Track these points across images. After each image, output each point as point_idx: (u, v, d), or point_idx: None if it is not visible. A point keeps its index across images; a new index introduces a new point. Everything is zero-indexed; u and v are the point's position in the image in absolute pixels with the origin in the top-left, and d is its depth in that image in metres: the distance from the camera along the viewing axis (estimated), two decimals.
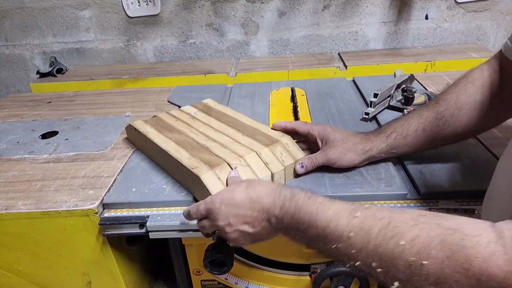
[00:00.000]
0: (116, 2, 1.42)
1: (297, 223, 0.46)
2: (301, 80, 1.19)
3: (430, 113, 0.63)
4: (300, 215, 0.45)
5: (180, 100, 1.07)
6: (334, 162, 0.66)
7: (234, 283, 0.78)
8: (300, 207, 0.46)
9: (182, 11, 1.43)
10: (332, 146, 0.66)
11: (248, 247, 0.76)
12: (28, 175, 0.76)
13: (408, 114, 0.67)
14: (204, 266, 0.62)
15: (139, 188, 0.70)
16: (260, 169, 0.65)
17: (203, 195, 0.63)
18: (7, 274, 0.73)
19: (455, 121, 0.60)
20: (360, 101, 1.00)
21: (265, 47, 1.50)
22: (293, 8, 1.42)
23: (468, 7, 1.41)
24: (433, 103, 0.63)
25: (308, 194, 0.47)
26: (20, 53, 1.55)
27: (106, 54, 1.53)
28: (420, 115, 0.63)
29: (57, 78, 1.40)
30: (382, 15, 1.43)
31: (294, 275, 0.78)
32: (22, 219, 0.66)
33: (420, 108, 0.65)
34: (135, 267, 0.83)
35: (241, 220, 0.50)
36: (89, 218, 0.66)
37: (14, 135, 0.93)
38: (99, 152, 0.83)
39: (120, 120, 0.97)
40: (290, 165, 0.68)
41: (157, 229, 0.63)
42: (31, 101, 1.15)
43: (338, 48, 1.50)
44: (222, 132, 0.76)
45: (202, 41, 1.49)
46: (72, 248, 0.70)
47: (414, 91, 0.92)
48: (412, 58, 1.31)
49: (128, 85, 1.31)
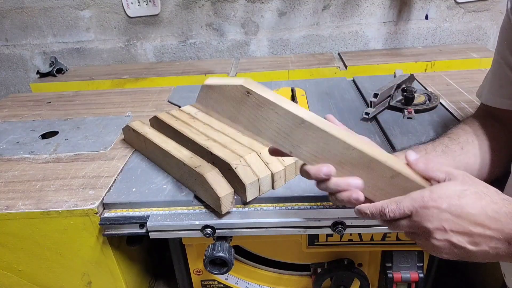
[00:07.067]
0: (116, 2, 1.42)
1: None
2: (301, 80, 1.19)
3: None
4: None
5: (180, 100, 1.07)
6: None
7: (235, 283, 0.78)
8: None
9: (182, 11, 1.43)
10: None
11: (248, 247, 0.76)
12: (28, 175, 0.76)
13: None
14: (205, 266, 0.62)
15: (139, 188, 0.70)
16: (260, 169, 0.65)
17: (206, 194, 0.63)
18: (7, 274, 0.73)
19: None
20: (360, 101, 1.00)
21: (265, 47, 1.50)
22: (293, 8, 1.42)
23: (468, 7, 1.41)
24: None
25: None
26: (20, 53, 1.55)
27: (106, 54, 1.53)
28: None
29: (57, 78, 1.40)
30: (382, 15, 1.43)
31: (294, 275, 0.78)
32: (22, 219, 0.66)
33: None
34: (135, 267, 0.83)
35: (461, 231, 0.42)
36: (89, 218, 0.66)
37: (14, 135, 0.93)
38: (99, 152, 0.83)
39: (120, 120, 0.97)
40: (290, 165, 0.68)
41: (157, 229, 0.63)
42: (31, 101, 1.15)
43: (338, 48, 1.50)
44: (222, 132, 0.76)
45: (202, 41, 1.49)
46: (72, 248, 0.70)
47: (414, 91, 0.92)
48: (412, 58, 1.31)
49: (128, 85, 1.31)
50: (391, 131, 0.82)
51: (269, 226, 0.63)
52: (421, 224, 0.43)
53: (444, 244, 0.43)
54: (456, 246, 0.43)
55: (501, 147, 0.59)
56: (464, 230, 0.42)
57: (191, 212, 0.65)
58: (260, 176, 0.64)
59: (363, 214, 0.48)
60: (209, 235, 0.62)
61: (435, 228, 0.43)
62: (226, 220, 0.62)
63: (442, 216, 0.42)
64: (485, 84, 0.65)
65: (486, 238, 0.42)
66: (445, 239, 0.43)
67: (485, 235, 0.42)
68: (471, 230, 0.42)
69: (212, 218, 0.63)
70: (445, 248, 0.44)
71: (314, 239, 0.70)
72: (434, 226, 0.43)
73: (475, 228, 0.42)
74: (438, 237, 0.43)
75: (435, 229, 0.43)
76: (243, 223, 0.62)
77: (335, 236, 0.67)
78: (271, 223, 0.62)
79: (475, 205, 0.42)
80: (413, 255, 0.72)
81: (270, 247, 0.75)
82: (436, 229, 0.43)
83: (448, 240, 0.43)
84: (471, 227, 0.42)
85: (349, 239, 0.70)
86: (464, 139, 0.60)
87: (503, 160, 0.59)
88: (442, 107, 0.92)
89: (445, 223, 0.42)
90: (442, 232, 0.43)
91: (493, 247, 0.42)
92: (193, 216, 0.64)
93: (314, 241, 0.70)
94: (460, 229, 0.42)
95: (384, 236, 0.69)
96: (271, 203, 0.65)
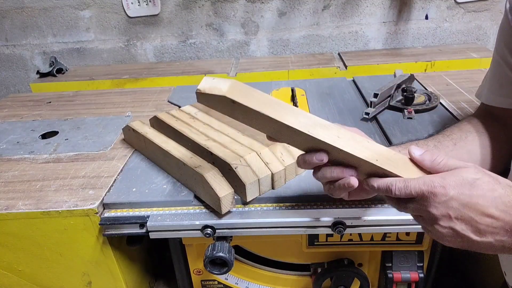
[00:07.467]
0: (116, 2, 1.42)
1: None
2: (301, 80, 1.19)
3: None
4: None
5: (180, 100, 1.07)
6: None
7: (235, 283, 0.78)
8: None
9: (182, 11, 1.43)
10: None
11: (248, 247, 0.76)
12: (28, 175, 0.76)
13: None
14: (205, 266, 0.62)
15: (139, 188, 0.70)
16: (260, 169, 0.65)
17: (206, 194, 0.63)
18: (7, 274, 0.73)
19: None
20: (360, 101, 1.00)
21: (265, 47, 1.50)
22: (293, 8, 1.42)
23: (468, 7, 1.41)
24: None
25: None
26: (20, 53, 1.55)
27: (106, 54, 1.53)
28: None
29: (57, 78, 1.40)
30: (382, 15, 1.43)
31: (294, 275, 0.78)
32: (22, 219, 0.66)
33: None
34: (135, 267, 0.82)
35: (467, 220, 0.42)
36: (89, 218, 0.66)
37: (14, 135, 0.93)
38: (99, 152, 0.83)
39: (120, 120, 0.97)
40: (291, 165, 0.68)
41: (158, 229, 0.63)
42: (31, 101, 1.15)
43: (338, 48, 1.50)
44: (222, 132, 0.76)
45: (202, 41, 1.49)
46: (72, 248, 0.70)
47: (414, 91, 0.92)
48: (412, 58, 1.31)
49: (128, 85, 1.31)
50: (391, 131, 0.82)
51: (269, 226, 0.63)
52: (427, 209, 0.43)
53: (448, 231, 0.43)
54: (459, 234, 0.43)
55: (500, 146, 0.59)
56: (469, 219, 0.42)
57: (191, 212, 0.65)
58: (260, 176, 0.64)
59: (370, 187, 0.48)
60: (209, 235, 0.62)
61: (441, 215, 0.42)
62: (226, 220, 0.62)
63: (449, 203, 0.42)
64: (484, 84, 0.65)
65: (493, 229, 0.42)
66: (449, 226, 0.43)
67: (493, 227, 0.41)
68: (477, 220, 0.41)
69: (212, 218, 0.63)
70: (448, 235, 0.44)
71: (314, 239, 0.70)
72: (440, 212, 0.42)
73: (482, 219, 0.41)
74: (443, 224, 0.43)
75: (441, 215, 0.42)
76: (243, 223, 0.62)
77: (335, 236, 0.67)
78: (271, 223, 0.62)
79: (486, 196, 0.41)
80: (413, 255, 0.72)
81: (270, 247, 0.75)
82: (441, 215, 0.42)
83: (452, 227, 0.43)
84: (477, 217, 0.41)
85: (349, 239, 0.70)
86: (457, 135, 0.60)
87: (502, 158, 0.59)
88: (442, 107, 0.92)
89: (451, 210, 0.42)
90: (447, 219, 0.42)
91: (499, 240, 0.42)
92: (193, 216, 0.64)
93: (314, 241, 0.70)
94: (466, 218, 0.42)
95: (384, 236, 0.69)
96: (271, 203, 0.65)
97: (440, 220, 0.43)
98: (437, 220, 0.43)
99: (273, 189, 0.67)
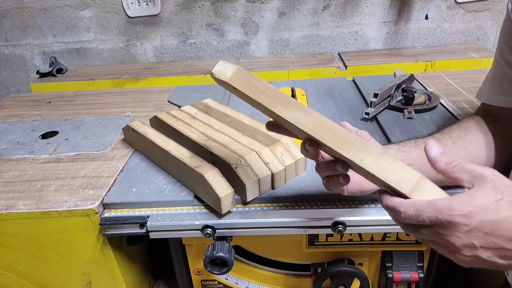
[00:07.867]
0: (116, 2, 1.42)
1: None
2: (301, 80, 1.19)
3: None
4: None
5: (180, 100, 1.07)
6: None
7: (235, 283, 0.78)
8: None
9: (182, 11, 1.43)
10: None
11: (248, 247, 0.76)
12: (28, 175, 0.76)
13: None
14: (205, 266, 0.62)
15: (139, 188, 0.70)
16: (260, 169, 0.65)
17: (206, 194, 0.63)
18: (7, 274, 0.73)
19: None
20: (360, 101, 1.00)
21: (265, 47, 1.50)
22: (293, 8, 1.42)
23: (468, 7, 1.41)
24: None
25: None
26: (20, 53, 1.55)
27: (106, 54, 1.53)
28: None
29: (57, 78, 1.40)
30: (382, 15, 1.43)
31: (294, 275, 0.78)
32: (22, 219, 0.66)
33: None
34: (135, 267, 0.82)
35: (493, 248, 0.38)
36: (90, 218, 0.66)
37: (14, 135, 0.93)
38: (99, 152, 0.83)
39: (120, 120, 0.97)
40: (291, 165, 0.68)
41: (158, 229, 0.63)
42: (31, 101, 1.15)
43: (338, 48, 1.50)
44: (222, 132, 0.76)
45: (202, 41, 1.49)
46: (72, 248, 0.70)
47: (414, 91, 0.92)
48: (412, 58, 1.31)
49: (128, 85, 1.31)
50: (391, 131, 0.82)
51: (269, 226, 0.63)
52: (446, 238, 0.39)
53: (471, 258, 0.39)
54: (484, 261, 0.39)
55: (500, 145, 0.59)
56: (496, 246, 0.38)
57: (191, 212, 0.65)
58: (260, 176, 0.64)
59: (379, 199, 0.44)
60: (209, 235, 0.62)
61: (463, 245, 0.38)
62: (226, 220, 0.62)
63: (473, 233, 0.38)
64: (485, 84, 0.65)
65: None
66: (474, 255, 0.39)
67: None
68: (504, 247, 0.38)
69: (212, 218, 0.63)
70: (471, 261, 0.40)
71: (314, 239, 0.70)
72: (463, 243, 0.38)
73: (510, 244, 0.38)
74: (466, 253, 0.39)
75: (463, 246, 0.38)
76: (243, 223, 0.62)
77: (335, 236, 0.67)
78: (271, 223, 0.62)
79: (511, 218, 0.37)
80: (413, 255, 0.72)
81: (270, 247, 0.75)
82: (464, 246, 0.38)
83: (477, 255, 0.39)
84: (504, 243, 0.38)
85: (349, 239, 0.70)
86: (456, 134, 0.60)
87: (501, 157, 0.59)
88: (442, 107, 0.92)
89: (475, 240, 0.38)
90: (471, 248, 0.38)
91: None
92: (193, 216, 0.64)
93: (314, 241, 0.70)
94: (492, 245, 0.38)
95: (384, 236, 0.69)
96: (271, 203, 0.65)
97: (462, 250, 0.39)
98: (460, 250, 0.39)
99: (273, 189, 0.67)
